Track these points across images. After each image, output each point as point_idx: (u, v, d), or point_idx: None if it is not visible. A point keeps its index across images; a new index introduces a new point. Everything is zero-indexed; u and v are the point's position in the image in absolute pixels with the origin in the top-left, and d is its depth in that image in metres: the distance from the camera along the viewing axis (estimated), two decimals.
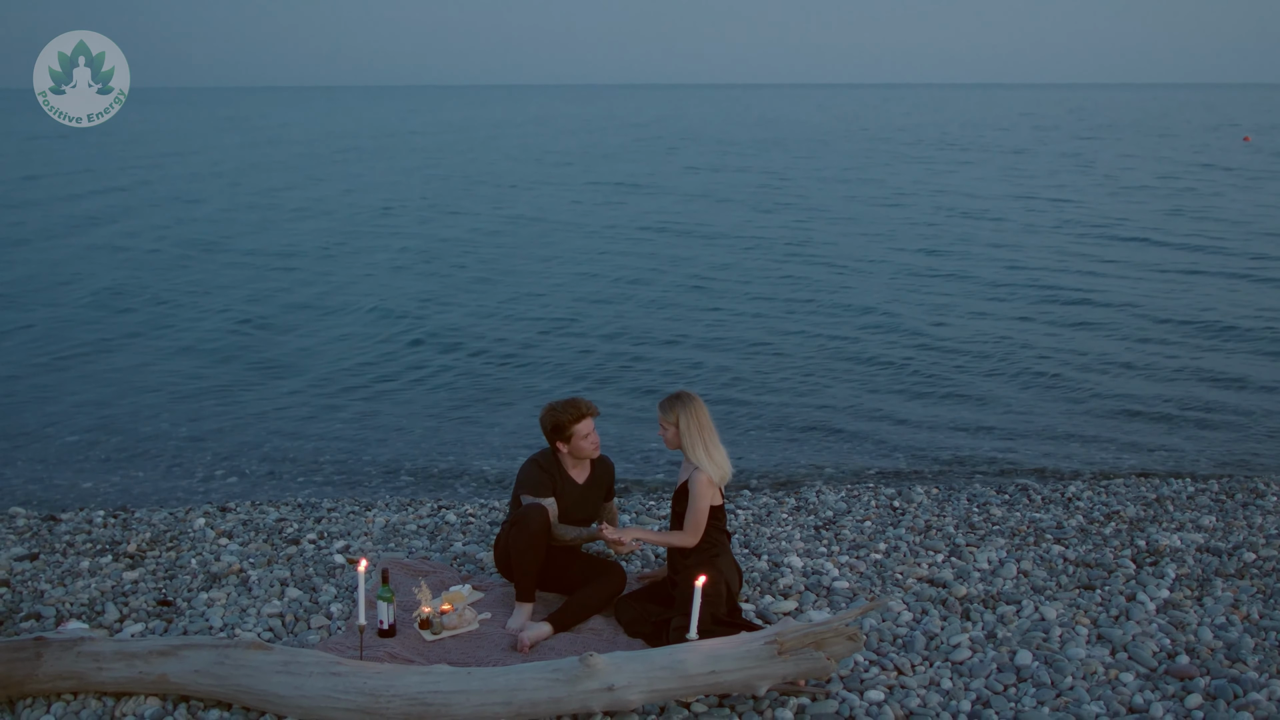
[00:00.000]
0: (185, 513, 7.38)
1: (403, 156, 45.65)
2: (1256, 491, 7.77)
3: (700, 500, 5.17)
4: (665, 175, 35.62)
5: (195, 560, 6.27)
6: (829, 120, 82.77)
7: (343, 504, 7.67)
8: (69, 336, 13.52)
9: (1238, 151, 44.65)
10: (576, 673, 4.32)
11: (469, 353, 12.70)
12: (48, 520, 7.23)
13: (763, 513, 7.22)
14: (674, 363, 12.20)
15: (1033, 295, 15.65)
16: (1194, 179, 32.54)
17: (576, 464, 5.55)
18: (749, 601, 5.64)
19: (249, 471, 8.84)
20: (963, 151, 46.22)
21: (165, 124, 78.10)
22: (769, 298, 15.66)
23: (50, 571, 6.11)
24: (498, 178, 35.04)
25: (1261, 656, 5.01)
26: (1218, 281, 16.61)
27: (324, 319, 14.57)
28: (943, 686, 4.75)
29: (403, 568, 5.94)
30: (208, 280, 17.28)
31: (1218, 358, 12.18)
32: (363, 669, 4.46)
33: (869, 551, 6.40)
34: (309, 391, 11.13)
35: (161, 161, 42.20)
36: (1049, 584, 5.89)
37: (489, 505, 7.53)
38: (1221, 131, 60.90)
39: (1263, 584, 5.86)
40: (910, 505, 7.40)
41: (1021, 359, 12.19)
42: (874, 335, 13.42)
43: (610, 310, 14.93)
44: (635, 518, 7.07)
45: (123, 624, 5.39)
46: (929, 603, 5.62)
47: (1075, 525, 6.89)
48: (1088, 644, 5.14)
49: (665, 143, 54.34)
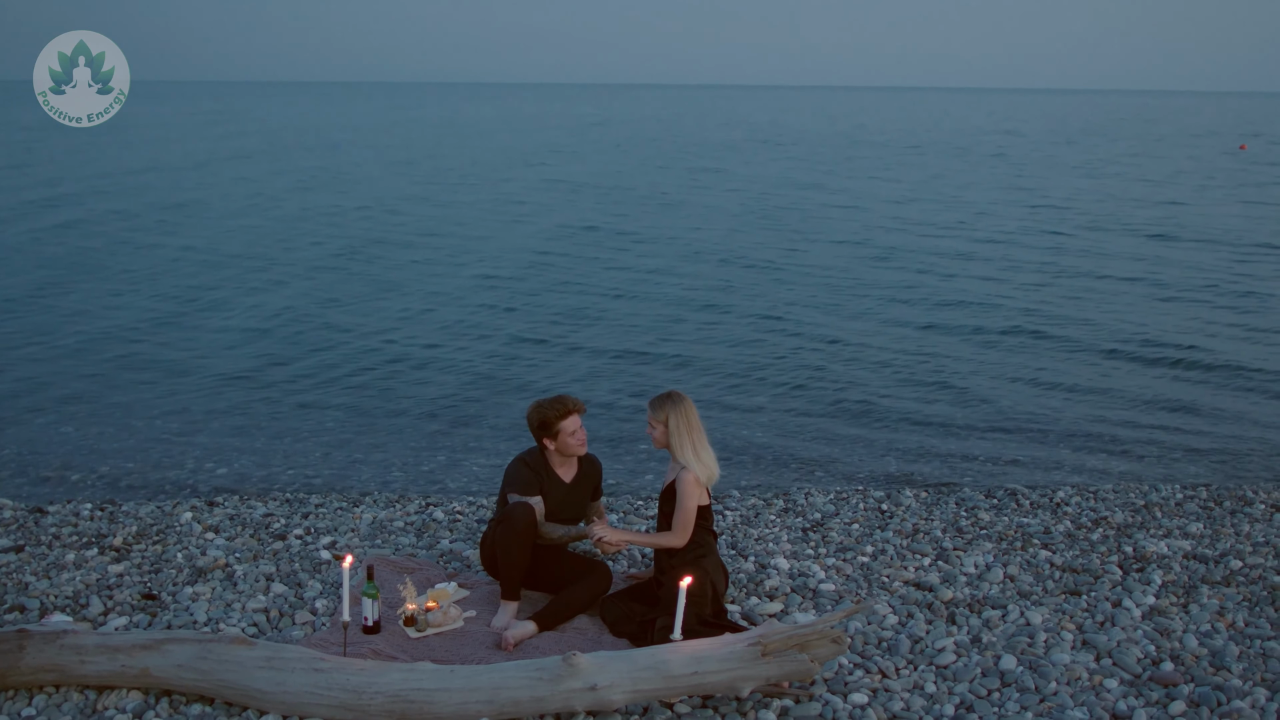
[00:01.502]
0: (173, 506, 7.36)
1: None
2: (1244, 499, 7.78)
3: (688, 500, 5.16)
4: (635, 174, 35.68)
5: (181, 554, 6.25)
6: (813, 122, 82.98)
7: (331, 500, 7.65)
8: (57, 329, 13.48)
9: (1235, 158, 44.84)
10: (560, 672, 4.31)
11: (458, 351, 12.68)
12: (34, 512, 7.20)
13: (751, 514, 7.22)
14: (664, 363, 12.19)
15: (1020, 301, 15.67)
16: (1186, 189, 32.62)
17: (564, 462, 5.54)
18: (735, 603, 5.63)
19: (237, 466, 8.82)
20: (963, 154, 46.40)
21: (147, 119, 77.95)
22: (766, 299, 15.67)
23: (35, 564, 6.09)
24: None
25: (1246, 664, 5.01)
26: (1210, 289, 16.66)
27: (315, 317, 14.54)
28: (927, 690, 4.75)
29: (388, 564, 5.93)
30: (199, 274, 17.25)
31: (1206, 365, 12.19)
32: (346, 665, 4.45)
33: (856, 554, 6.39)
34: (299, 386, 11.11)
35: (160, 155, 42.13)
36: (1035, 589, 5.89)
37: (477, 503, 7.52)
38: (1219, 138, 61.21)
39: (1248, 592, 5.86)
40: (898, 508, 7.40)
41: (1011, 364, 12.21)
42: (867, 339, 13.43)
43: (600, 310, 14.92)
44: (623, 518, 7.06)
45: (107, 617, 5.37)
46: (915, 606, 5.62)
47: (1063, 530, 6.89)
48: (1072, 649, 5.14)
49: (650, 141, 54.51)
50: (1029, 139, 62.09)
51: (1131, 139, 62.24)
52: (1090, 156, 46.60)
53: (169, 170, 35.15)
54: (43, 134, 52.66)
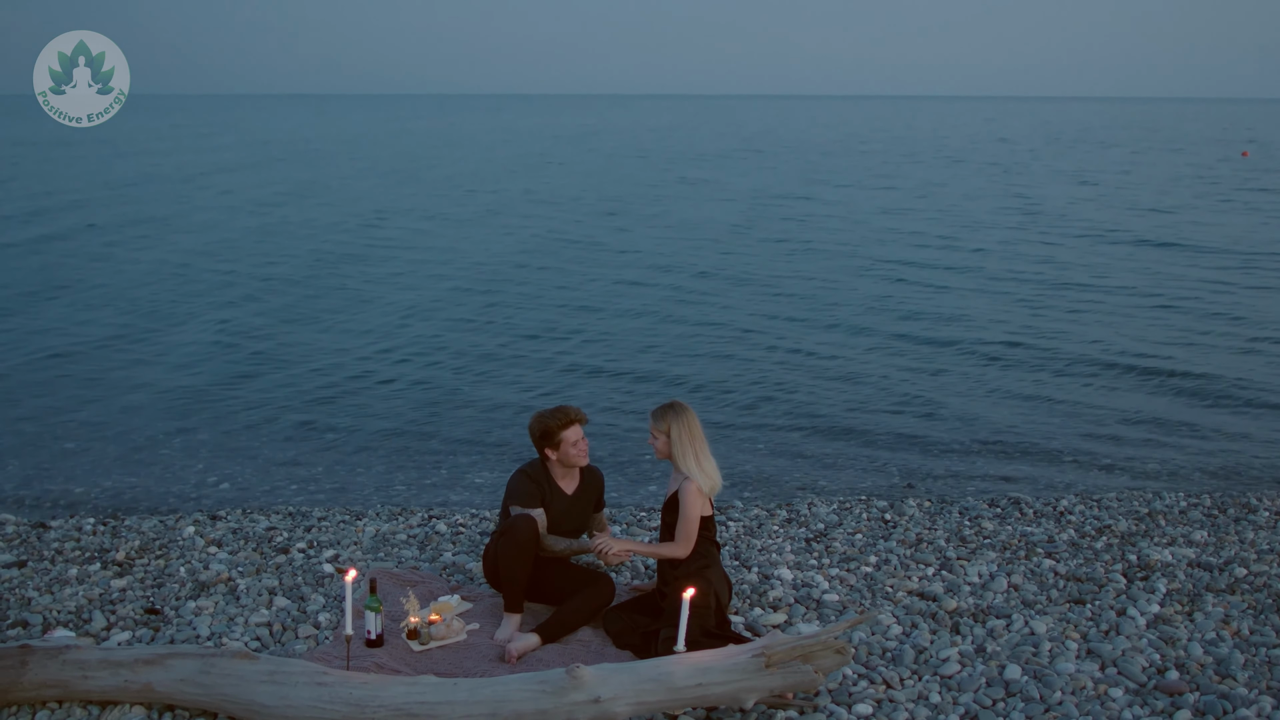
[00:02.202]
0: (175, 520, 7.35)
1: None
2: (1248, 506, 7.77)
3: (691, 509, 5.16)
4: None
5: (184, 568, 6.25)
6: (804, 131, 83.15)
7: (333, 513, 7.64)
8: (60, 342, 13.49)
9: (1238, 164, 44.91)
10: (563, 684, 4.30)
11: (457, 363, 12.70)
12: (37, 527, 7.20)
13: (754, 524, 7.21)
14: (664, 376, 12.19)
15: (1025, 308, 15.67)
16: (1185, 196, 32.65)
17: (565, 474, 5.53)
18: (738, 613, 5.62)
19: (240, 479, 8.82)
20: (959, 163, 46.48)
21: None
22: (761, 313, 15.68)
23: (38, 579, 6.09)
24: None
25: (1251, 672, 5.00)
26: (1214, 295, 16.66)
27: (319, 329, 14.56)
28: (931, 700, 4.73)
29: (391, 578, 5.92)
30: (200, 288, 17.28)
31: (1210, 372, 12.19)
32: (349, 679, 4.44)
33: (859, 564, 6.38)
34: (302, 400, 11.11)
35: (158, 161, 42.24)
36: (1039, 598, 5.87)
37: (480, 515, 7.51)
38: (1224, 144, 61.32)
39: (1253, 599, 5.85)
40: (902, 518, 7.39)
41: (1015, 375, 12.20)
42: (869, 350, 13.43)
43: (600, 321, 14.93)
44: (626, 529, 7.05)
45: (109, 632, 5.36)
46: (919, 616, 5.60)
47: (1066, 539, 6.87)
48: (1077, 659, 5.13)
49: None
50: (1026, 146, 62.26)
51: (1131, 146, 62.36)
52: (1087, 164, 46.68)
53: (164, 181, 35.25)
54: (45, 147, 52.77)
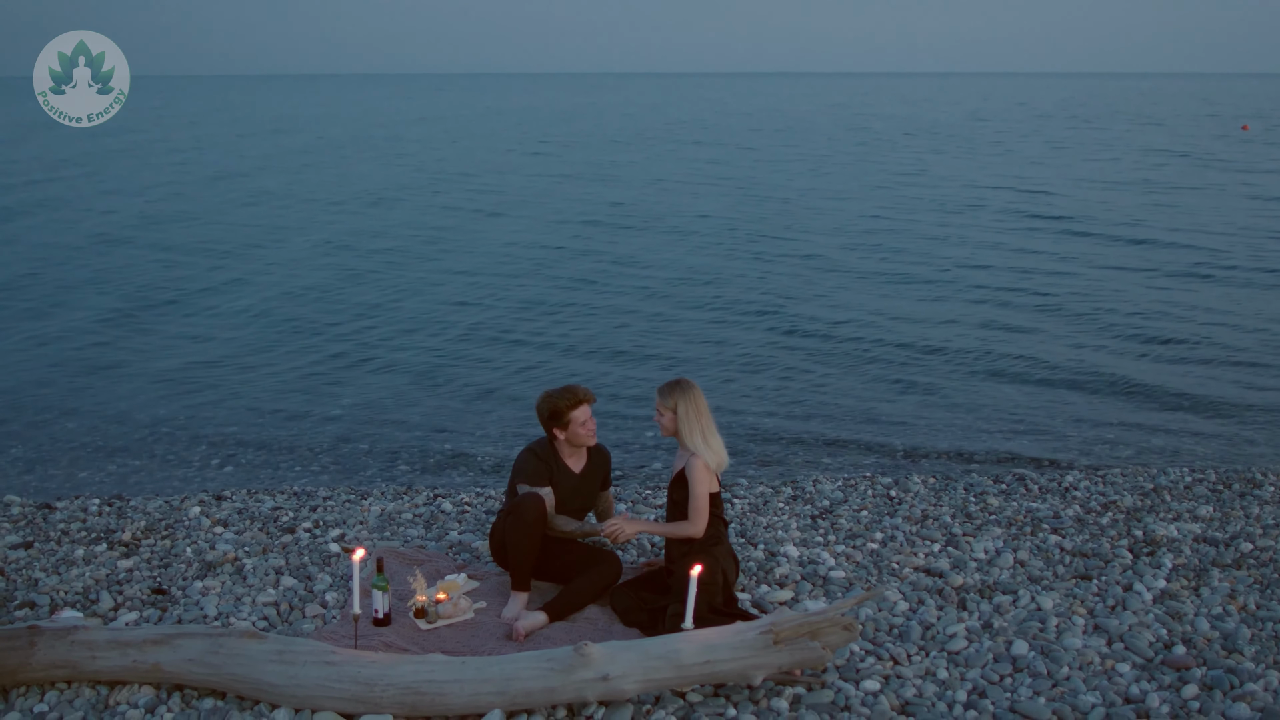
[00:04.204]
0: (180, 501, 7.36)
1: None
2: (1254, 481, 7.76)
3: (700, 485, 5.16)
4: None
5: (190, 549, 6.25)
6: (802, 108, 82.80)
7: (339, 492, 7.65)
8: (65, 326, 13.48)
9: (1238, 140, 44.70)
10: (571, 662, 4.31)
11: (464, 341, 12.67)
12: (42, 508, 7.21)
13: (759, 502, 7.21)
14: (671, 354, 12.17)
15: (1031, 289, 15.63)
16: (1184, 170, 32.51)
17: (573, 453, 5.53)
18: (745, 591, 5.62)
19: (245, 460, 8.82)
20: (960, 140, 46.28)
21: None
22: (768, 293, 15.64)
23: (45, 560, 6.10)
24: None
25: (1258, 647, 5.00)
26: (1219, 274, 16.60)
27: (318, 309, 14.53)
28: (939, 676, 4.74)
29: (398, 556, 5.93)
30: (201, 272, 17.25)
31: (1214, 347, 12.17)
32: (357, 658, 4.45)
33: (865, 541, 6.38)
34: (306, 380, 11.11)
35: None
36: (1045, 574, 5.87)
37: (485, 494, 7.51)
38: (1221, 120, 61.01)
39: (1259, 574, 5.85)
40: (907, 495, 7.39)
41: (1019, 350, 12.16)
42: (872, 328, 13.40)
43: (606, 300, 14.90)
44: (631, 507, 7.05)
45: (117, 612, 5.37)
46: (925, 592, 5.61)
47: (1072, 515, 6.87)
48: (1084, 634, 5.13)
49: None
50: (1045, 118, 61.91)
51: (1139, 119, 62.04)
52: (1095, 137, 46.49)
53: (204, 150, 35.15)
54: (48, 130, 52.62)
